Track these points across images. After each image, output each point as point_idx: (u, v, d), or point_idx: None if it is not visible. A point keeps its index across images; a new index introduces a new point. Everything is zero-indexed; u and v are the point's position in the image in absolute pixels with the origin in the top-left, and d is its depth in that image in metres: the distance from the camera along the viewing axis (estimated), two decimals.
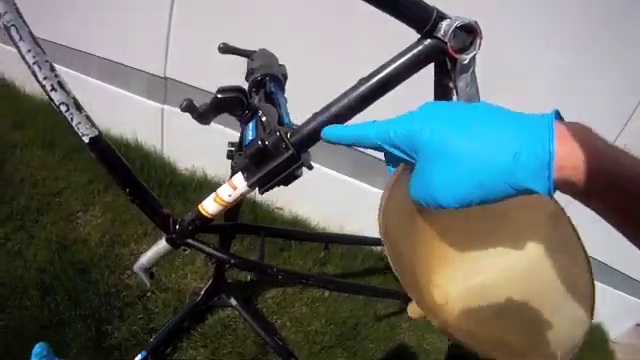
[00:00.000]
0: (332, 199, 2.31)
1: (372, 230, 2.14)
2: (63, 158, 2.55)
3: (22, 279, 1.89)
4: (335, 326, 2.14)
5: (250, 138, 0.83)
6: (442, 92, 0.93)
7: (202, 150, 2.50)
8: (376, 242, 2.22)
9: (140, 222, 2.28)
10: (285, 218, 2.61)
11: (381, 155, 0.59)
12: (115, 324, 1.84)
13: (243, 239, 2.30)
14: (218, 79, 2.12)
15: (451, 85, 0.87)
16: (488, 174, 0.46)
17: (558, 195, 0.47)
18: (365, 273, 2.47)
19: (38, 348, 0.75)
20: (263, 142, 0.79)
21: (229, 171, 2.46)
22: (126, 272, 2.06)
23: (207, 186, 2.59)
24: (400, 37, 0.79)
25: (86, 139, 0.90)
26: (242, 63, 1.25)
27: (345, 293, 2.24)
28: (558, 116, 0.47)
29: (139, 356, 1.70)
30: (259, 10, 2.03)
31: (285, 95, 1.10)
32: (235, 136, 1.36)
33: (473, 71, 0.80)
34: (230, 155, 1.36)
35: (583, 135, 0.43)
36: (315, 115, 0.81)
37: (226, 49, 1.21)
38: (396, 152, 0.54)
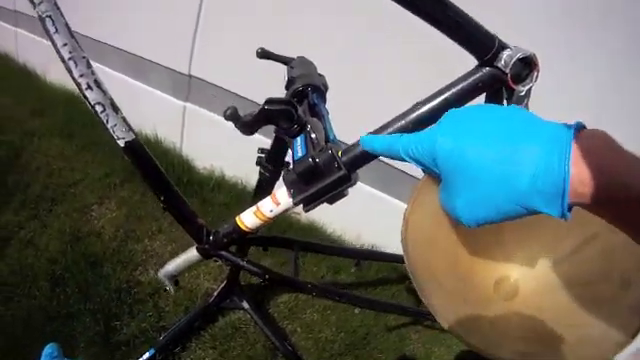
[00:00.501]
0: (350, 207, 2.28)
1: (388, 239, 2.12)
2: (81, 149, 2.56)
3: (32, 268, 1.88)
4: (345, 335, 2.12)
5: (300, 155, 0.80)
6: None
7: (222, 150, 2.48)
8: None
9: (155, 219, 2.27)
10: (301, 224, 2.58)
11: (401, 166, 0.58)
12: (125, 320, 1.82)
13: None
14: (244, 80, 2.11)
15: None
16: (505, 198, 0.45)
17: None
18: (378, 283, 2.44)
19: (49, 349, 0.73)
20: (314, 160, 0.76)
21: (248, 173, 2.45)
22: (138, 268, 2.04)
23: (225, 186, 2.58)
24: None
25: (121, 143, 0.87)
26: (270, 66, 1.22)
27: (377, 311, 2.22)
28: (579, 127, 0.45)
29: (147, 354, 1.68)
30: (287, 11, 2.01)
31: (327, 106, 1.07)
32: (259, 140, 1.34)
33: (527, 103, 0.79)
34: (259, 162, 1.33)
35: (603, 153, 0.41)
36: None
37: (264, 54, 1.18)
38: (421, 167, 0.55)
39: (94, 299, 1.84)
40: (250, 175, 2.48)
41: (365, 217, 2.46)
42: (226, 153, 2.44)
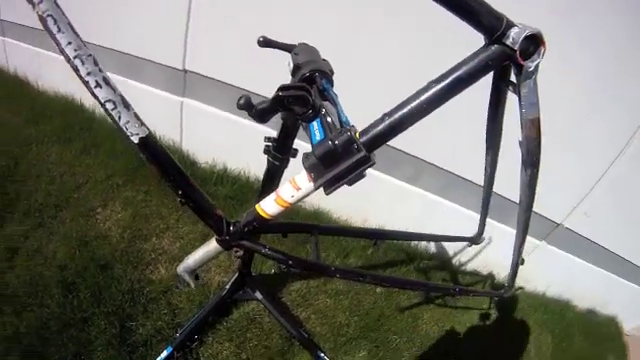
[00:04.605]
0: (353, 191, 2.28)
1: (394, 221, 2.12)
2: (81, 153, 2.54)
3: (43, 277, 1.87)
4: (359, 318, 2.14)
5: (318, 138, 0.81)
6: (498, 95, 0.98)
7: (223, 143, 2.48)
8: (417, 237, 2.22)
9: (161, 216, 2.28)
10: (306, 211, 2.60)
11: (402, 146, 0.58)
12: (139, 320, 1.83)
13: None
14: (240, 72, 2.10)
15: (509, 89, 0.90)
16: None
17: None
18: (387, 265, 2.46)
19: None
20: (334, 143, 0.77)
21: (250, 164, 2.45)
22: (149, 267, 2.05)
23: (227, 179, 2.58)
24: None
25: (135, 139, 0.82)
26: (265, 56, 1.21)
27: (398, 289, 2.25)
28: None
29: (165, 352, 1.70)
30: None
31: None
32: (258, 129, 1.33)
33: (535, 78, 0.81)
34: (267, 150, 1.33)
35: None
36: (385, 115, 0.80)
37: (265, 43, 1.16)
38: None
39: (107, 302, 1.84)
40: (252, 166, 2.47)
41: (370, 200, 2.47)
42: (227, 146, 2.44)
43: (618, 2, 1.74)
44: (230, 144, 2.34)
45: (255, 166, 1.34)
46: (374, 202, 2.47)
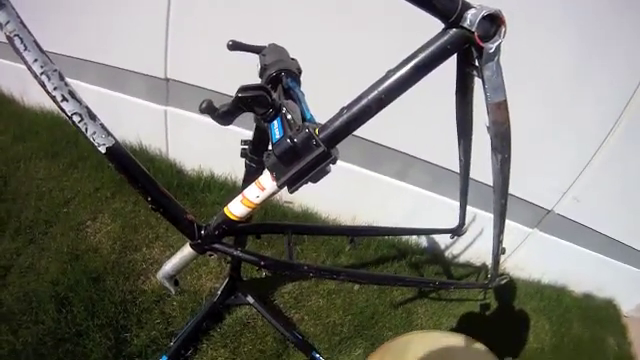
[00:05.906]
0: (341, 190, 2.29)
1: (383, 217, 2.12)
2: (68, 167, 2.55)
3: (36, 293, 1.87)
4: (353, 316, 2.15)
5: (277, 137, 0.80)
6: (464, 81, 0.96)
7: (208, 149, 2.48)
8: (397, 232, 2.22)
9: (150, 226, 2.28)
10: (295, 212, 2.60)
11: (388, 143, 0.58)
12: (134, 331, 1.83)
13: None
14: (222, 77, 2.10)
15: (474, 73, 0.87)
16: None
17: None
18: (379, 262, 2.46)
19: None
20: (292, 140, 0.76)
21: (236, 169, 2.45)
22: (140, 277, 2.05)
23: (215, 185, 2.59)
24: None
25: (102, 149, 0.84)
26: (247, 59, 1.22)
27: (376, 285, 2.24)
28: None
29: None
30: (256, 4, 2.00)
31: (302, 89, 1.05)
32: (243, 134, 1.34)
33: (498, 60, 0.79)
34: (244, 153, 1.33)
35: None
36: (343, 109, 0.79)
37: (235, 46, 1.17)
38: None
39: (101, 314, 1.84)
40: (238, 171, 2.47)
41: (358, 198, 2.47)
42: (212, 152, 2.44)
43: None
44: (216, 150, 2.34)
45: (241, 171, 1.34)
46: (363, 200, 2.48)
